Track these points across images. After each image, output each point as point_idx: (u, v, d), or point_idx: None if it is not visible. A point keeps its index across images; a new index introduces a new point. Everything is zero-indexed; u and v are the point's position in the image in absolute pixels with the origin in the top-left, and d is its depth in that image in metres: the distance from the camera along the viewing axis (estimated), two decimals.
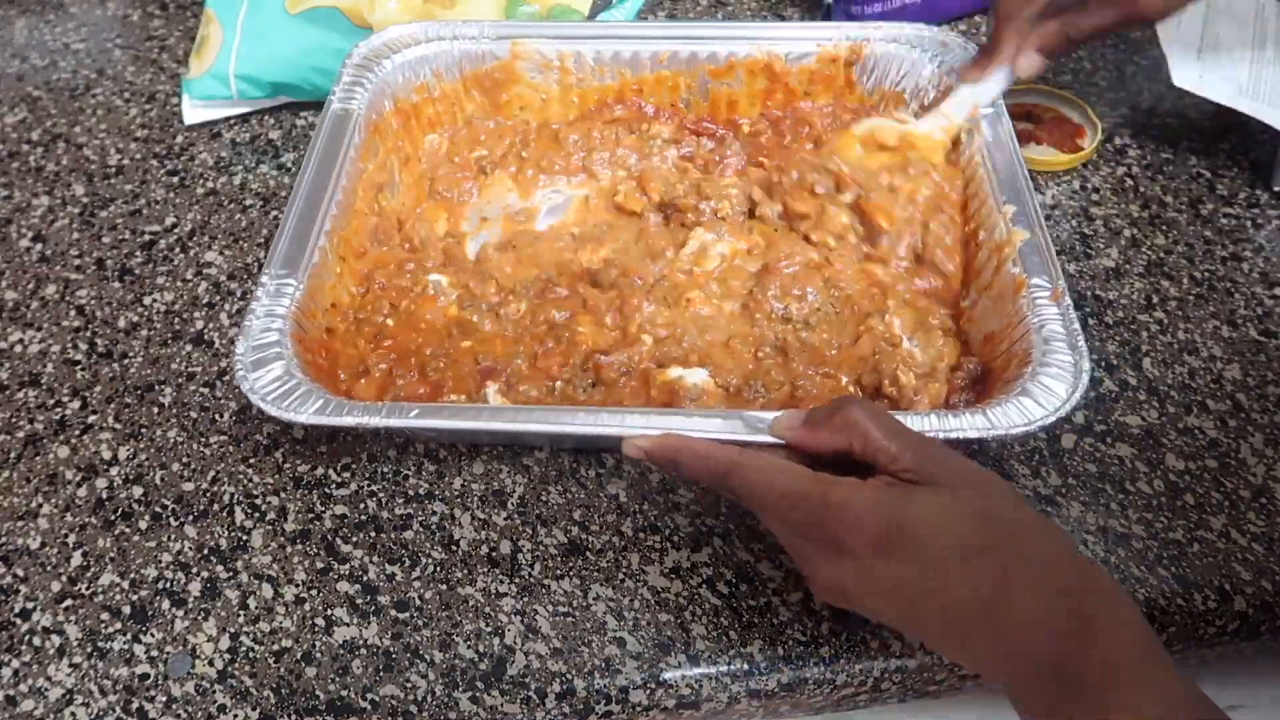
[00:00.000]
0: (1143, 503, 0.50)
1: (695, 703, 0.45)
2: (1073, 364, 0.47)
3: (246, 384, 0.47)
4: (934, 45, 0.64)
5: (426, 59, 0.66)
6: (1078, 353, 0.47)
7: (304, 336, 0.51)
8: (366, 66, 0.64)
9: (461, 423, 0.47)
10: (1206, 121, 0.70)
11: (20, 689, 0.46)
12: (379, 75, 0.64)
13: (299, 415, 0.46)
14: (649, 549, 0.49)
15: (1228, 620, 0.47)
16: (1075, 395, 0.45)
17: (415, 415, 0.47)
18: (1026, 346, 0.49)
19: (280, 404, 0.47)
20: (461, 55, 0.67)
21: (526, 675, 0.45)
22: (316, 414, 0.46)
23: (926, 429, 0.44)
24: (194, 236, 0.66)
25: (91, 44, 0.82)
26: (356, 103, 0.62)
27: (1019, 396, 0.46)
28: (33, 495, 0.53)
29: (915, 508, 0.38)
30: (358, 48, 0.65)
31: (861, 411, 0.41)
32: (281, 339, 0.50)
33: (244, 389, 0.47)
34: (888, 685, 0.47)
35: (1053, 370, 0.47)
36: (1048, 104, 0.71)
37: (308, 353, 0.51)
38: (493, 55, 0.67)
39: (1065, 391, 0.46)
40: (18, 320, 0.61)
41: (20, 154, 0.73)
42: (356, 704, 0.45)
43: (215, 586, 0.49)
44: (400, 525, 0.51)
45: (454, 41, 0.66)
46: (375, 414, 0.47)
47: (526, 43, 0.66)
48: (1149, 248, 0.63)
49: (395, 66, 0.65)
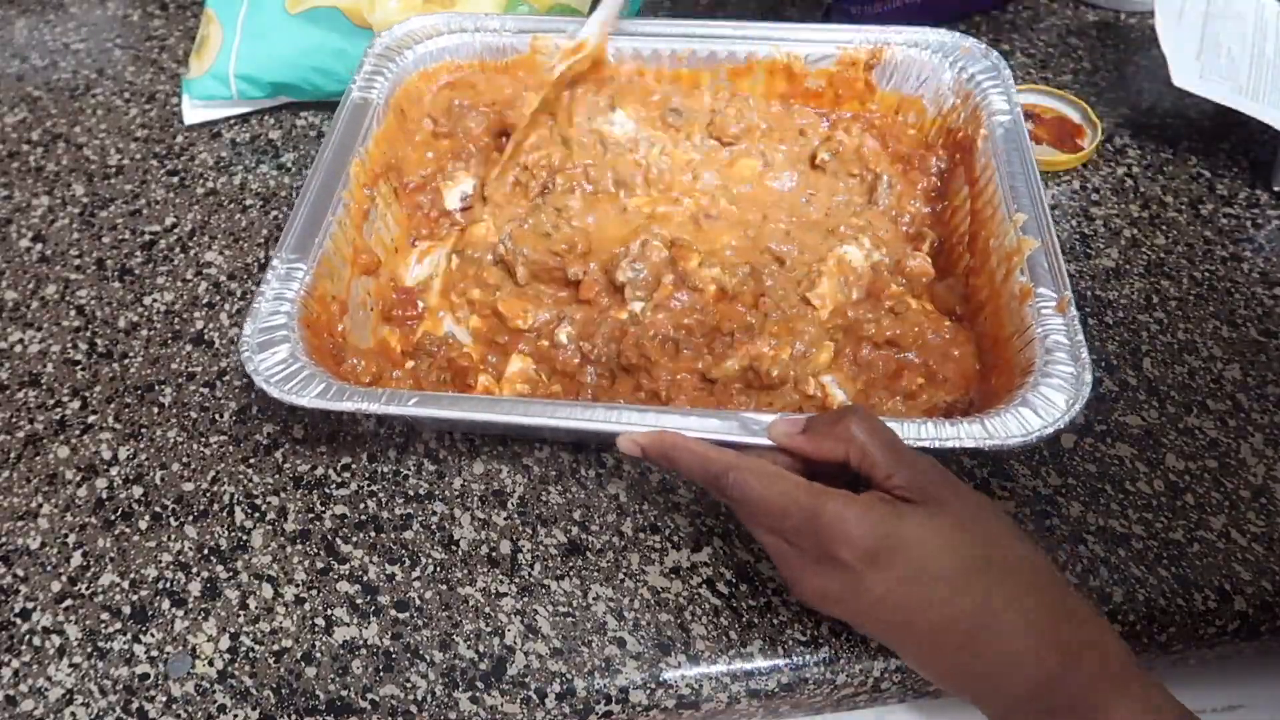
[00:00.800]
0: (1143, 503, 0.50)
1: (695, 703, 0.45)
2: (1074, 375, 0.47)
3: (251, 365, 0.48)
4: (955, 50, 0.64)
5: (447, 50, 0.66)
6: (1080, 365, 0.47)
7: (313, 320, 0.51)
8: (388, 56, 0.65)
9: (460, 413, 0.47)
10: (1206, 121, 0.70)
11: (20, 689, 0.46)
12: (400, 65, 0.65)
13: (300, 399, 0.47)
14: (649, 549, 0.49)
15: (1228, 620, 0.47)
16: (1075, 407, 0.45)
17: (414, 404, 0.47)
18: (1030, 356, 0.49)
19: (283, 386, 0.47)
20: (483, 47, 0.67)
21: (526, 675, 0.45)
22: (318, 398, 0.47)
23: (924, 436, 0.44)
24: (194, 236, 0.66)
25: (91, 44, 0.82)
26: (376, 92, 0.62)
27: (1018, 407, 0.46)
28: (33, 495, 0.53)
29: (907, 527, 0.38)
30: (380, 37, 0.66)
31: (861, 424, 0.41)
32: (289, 322, 0.50)
33: (248, 369, 0.47)
34: (888, 685, 0.47)
35: (1054, 381, 0.46)
36: (1048, 104, 0.71)
37: (315, 337, 0.51)
38: (513, 49, 0.67)
39: (1065, 403, 0.46)
40: (18, 320, 0.61)
41: (20, 154, 0.73)
42: (356, 704, 0.45)
43: (215, 586, 0.49)
44: (400, 525, 0.51)
45: (475, 34, 0.67)
46: (375, 400, 0.47)
47: (547, 38, 0.66)
48: (1149, 248, 0.63)
49: (416, 57, 0.65)
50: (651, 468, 0.52)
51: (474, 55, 0.67)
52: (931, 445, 0.44)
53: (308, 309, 0.51)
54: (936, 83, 0.64)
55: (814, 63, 0.66)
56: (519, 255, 0.58)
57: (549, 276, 0.58)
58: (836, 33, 0.66)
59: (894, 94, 0.66)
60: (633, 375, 0.53)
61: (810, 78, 0.66)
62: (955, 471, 0.51)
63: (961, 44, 0.64)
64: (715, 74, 0.67)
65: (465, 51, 0.67)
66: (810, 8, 0.83)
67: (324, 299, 0.53)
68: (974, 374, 0.53)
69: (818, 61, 0.66)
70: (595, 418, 0.46)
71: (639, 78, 0.67)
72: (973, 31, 0.79)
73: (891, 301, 0.56)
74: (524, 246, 0.58)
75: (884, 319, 0.55)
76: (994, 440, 0.44)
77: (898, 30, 0.65)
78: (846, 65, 0.66)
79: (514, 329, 0.56)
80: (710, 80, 0.67)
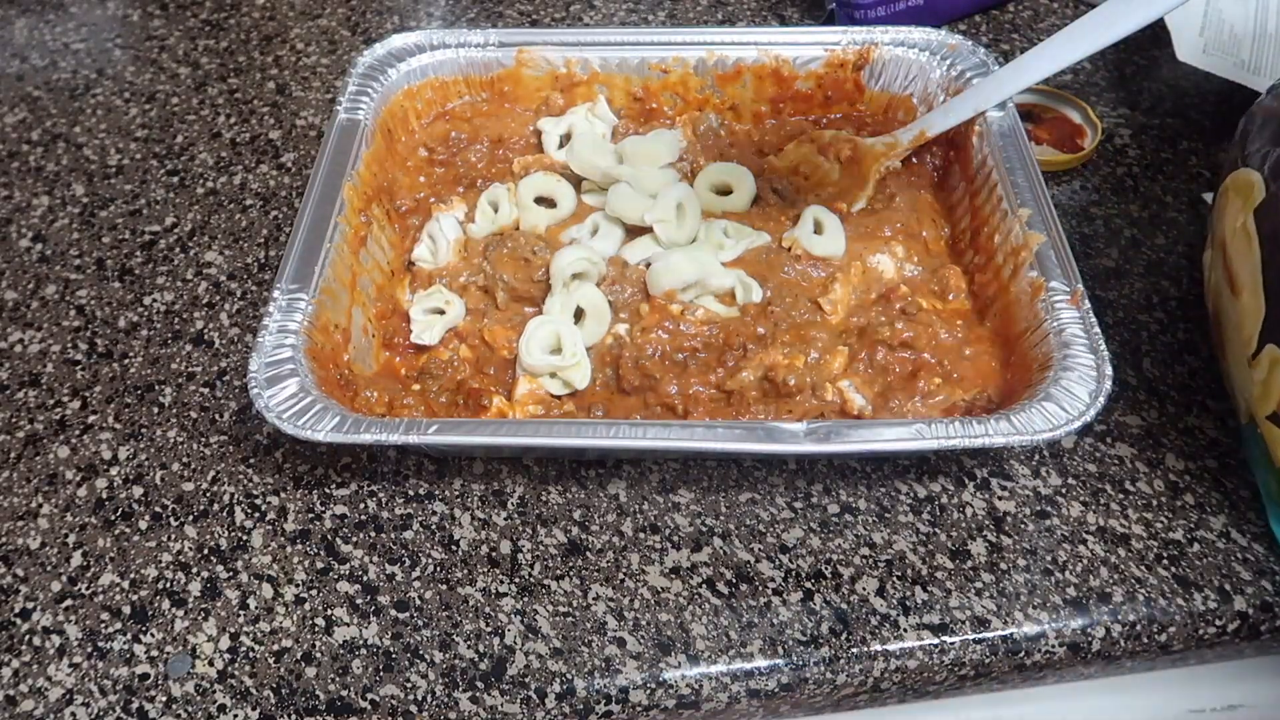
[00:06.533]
0: (1143, 503, 0.50)
1: (695, 703, 0.45)
2: (1094, 367, 0.47)
3: (261, 402, 0.47)
4: (942, 49, 0.64)
5: (431, 67, 0.66)
6: (1099, 356, 0.47)
7: (318, 351, 0.51)
8: (371, 75, 0.64)
9: (480, 438, 0.47)
10: (1207, 122, 0.70)
11: (20, 689, 0.46)
12: (384, 84, 0.64)
13: (316, 433, 0.46)
14: (649, 549, 0.49)
15: (1228, 620, 0.47)
16: (1100, 399, 0.46)
17: (434, 431, 0.46)
18: (1046, 350, 0.49)
19: (296, 422, 0.47)
20: (467, 63, 0.67)
21: (526, 675, 0.45)
22: (334, 431, 0.46)
23: (953, 435, 0.45)
24: (194, 236, 0.66)
25: (91, 44, 0.82)
26: (363, 112, 0.62)
27: (1041, 401, 0.46)
28: (33, 495, 0.53)
29: None
30: (362, 56, 0.65)
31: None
32: (295, 355, 0.50)
33: (258, 406, 0.47)
34: (888, 685, 0.47)
35: (1074, 374, 0.47)
36: (1048, 104, 0.71)
37: (322, 369, 0.51)
38: (499, 63, 0.67)
39: (1088, 395, 0.46)
40: (18, 320, 0.61)
41: (20, 154, 0.73)
42: (356, 704, 0.45)
43: (215, 586, 0.49)
44: (400, 525, 0.51)
45: (459, 50, 0.66)
46: (393, 431, 0.46)
47: (532, 50, 0.66)
48: (1149, 248, 0.63)
49: (400, 75, 0.65)
50: (652, 467, 0.52)
51: (458, 71, 0.67)
52: (961, 444, 0.45)
53: (313, 340, 0.51)
54: (925, 81, 0.64)
55: (802, 65, 0.66)
56: (499, 280, 0.57)
57: (529, 299, 0.57)
58: (823, 35, 0.66)
59: (883, 94, 0.66)
60: (639, 395, 0.53)
61: (799, 80, 0.66)
62: (956, 471, 0.51)
63: (949, 42, 0.64)
64: (704, 81, 0.66)
65: (449, 68, 0.66)
66: (811, 8, 0.83)
67: (327, 328, 0.52)
68: (991, 371, 0.53)
69: (806, 64, 0.66)
70: (620, 435, 0.46)
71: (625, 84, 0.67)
72: (973, 31, 0.79)
73: (903, 303, 0.55)
74: (503, 272, 0.57)
75: (896, 321, 0.54)
76: (1023, 436, 0.45)
77: (884, 30, 0.65)
78: (835, 67, 0.66)
79: (502, 358, 0.55)
80: (699, 88, 0.67)
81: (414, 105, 0.66)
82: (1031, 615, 0.46)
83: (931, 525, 0.50)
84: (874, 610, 0.47)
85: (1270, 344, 0.45)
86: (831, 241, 0.57)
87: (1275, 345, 0.45)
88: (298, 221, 0.55)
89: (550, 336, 0.53)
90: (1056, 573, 0.48)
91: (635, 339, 0.54)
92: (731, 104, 0.67)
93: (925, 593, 0.47)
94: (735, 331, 0.54)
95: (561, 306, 0.55)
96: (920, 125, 0.62)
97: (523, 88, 0.68)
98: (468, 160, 0.65)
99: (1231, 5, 0.68)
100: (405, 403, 0.53)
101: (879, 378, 0.53)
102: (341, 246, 0.55)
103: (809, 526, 0.50)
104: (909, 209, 0.60)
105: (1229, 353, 0.50)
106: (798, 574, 0.48)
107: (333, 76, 0.78)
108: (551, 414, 0.52)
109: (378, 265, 0.59)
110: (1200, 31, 0.66)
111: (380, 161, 0.62)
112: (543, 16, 0.83)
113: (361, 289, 0.56)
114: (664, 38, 0.67)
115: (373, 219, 0.59)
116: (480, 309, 0.57)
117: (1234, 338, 0.48)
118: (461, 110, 0.68)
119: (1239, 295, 0.47)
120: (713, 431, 0.46)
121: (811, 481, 0.52)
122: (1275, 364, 0.45)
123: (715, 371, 0.53)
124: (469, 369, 0.55)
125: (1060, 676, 0.48)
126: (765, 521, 0.50)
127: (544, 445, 0.47)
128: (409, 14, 0.84)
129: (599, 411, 0.52)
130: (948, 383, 0.52)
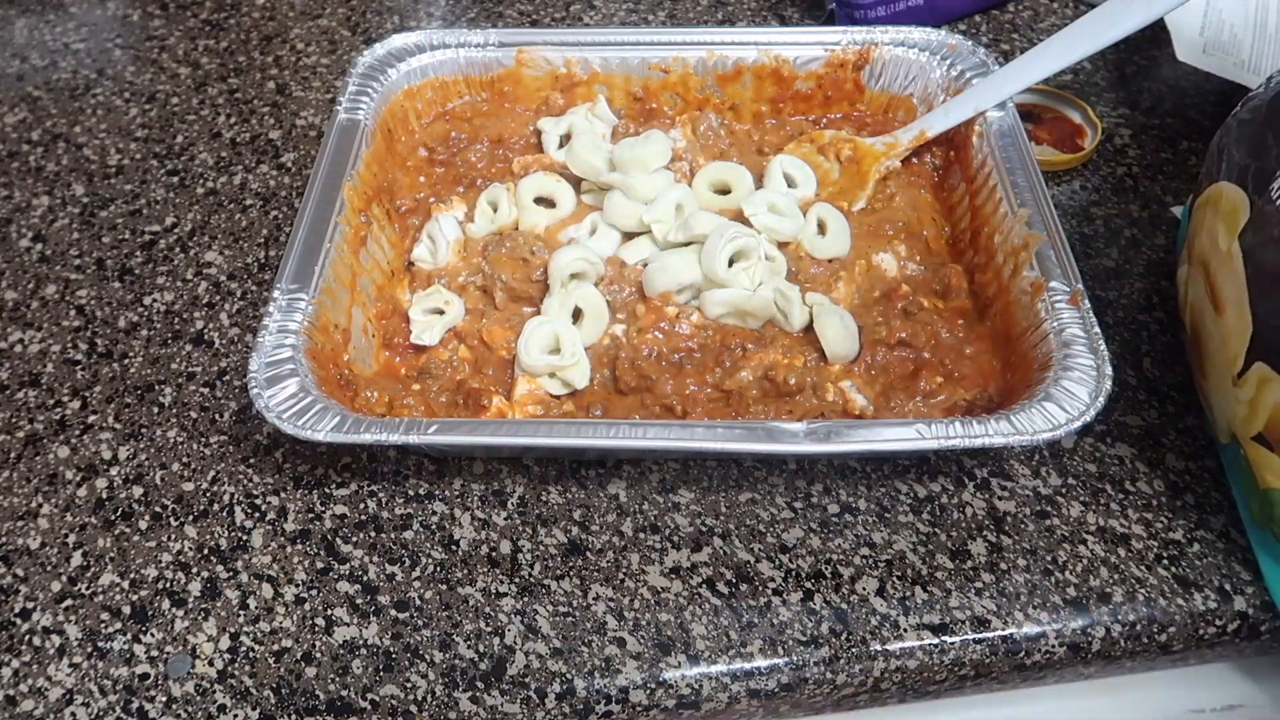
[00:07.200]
0: (1143, 503, 0.50)
1: (695, 703, 0.45)
2: (1094, 368, 0.47)
3: (261, 402, 0.47)
4: (942, 48, 0.64)
5: (431, 67, 0.66)
6: (1099, 357, 0.47)
7: (318, 351, 0.51)
8: (371, 75, 0.64)
9: (480, 439, 0.47)
10: (1207, 122, 0.70)
11: (20, 689, 0.46)
12: (384, 84, 0.64)
13: (316, 433, 0.46)
14: (649, 549, 0.49)
15: (1228, 620, 0.47)
16: (1100, 399, 0.46)
17: (434, 431, 0.46)
18: (1046, 350, 0.49)
19: (296, 422, 0.47)
20: (467, 63, 0.67)
21: (526, 675, 0.45)
22: (334, 431, 0.46)
23: (953, 435, 0.45)
24: (194, 236, 0.66)
25: (91, 44, 0.82)
26: (363, 112, 0.62)
27: (1042, 401, 0.46)
28: (33, 495, 0.53)
29: None
30: (362, 56, 0.65)
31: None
32: (295, 355, 0.50)
33: (258, 406, 0.47)
34: (888, 685, 0.47)
35: (1075, 375, 0.47)
36: (1048, 104, 0.71)
37: (322, 369, 0.51)
38: (499, 63, 0.67)
39: (1088, 396, 0.46)
40: (18, 320, 0.61)
41: (20, 154, 0.73)
42: (356, 704, 0.45)
43: (215, 586, 0.49)
44: (400, 525, 0.51)
45: (459, 50, 0.66)
46: (393, 431, 0.46)
47: (532, 50, 0.66)
48: (1149, 248, 0.63)
49: (400, 75, 0.65)
50: (652, 467, 0.52)
51: (458, 71, 0.67)
52: (961, 444, 0.45)
53: (313, 340, 0.51)
54: (925, 81, 0.64)
55: (802, 65, 0.66)
56: (497, 280, 0.57)
57: (528, 299, 0.57)
58: (823, 35, 0.66)
59: (883, 94, 0.66)
60: (636, 395, 0.53)
61: (799, 80, 0.66)
62: (956, 471, 0.51)
63: (949, 42, 0.64)
64: (704, 80, 0.66)
65: (449, 68, 0.67)
66: (811, 8, 0.83)
67: (327, 328, 0.52)
68: (991, 370, 0.53)
69: (806, 64, 0.66)
70: (620, 435, 0.46)
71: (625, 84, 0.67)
72: (973, 31, 0.79)
73: (903, 302, 0.55)
74: (501, 272, 0.57)
75: (895, 320, 0.54)
76: (1023, 436, 0.45)
77: (884, 30, 0.65)
78: (835, 67, 0.66)
79: (501, 359, 0.55)
80: (699, 88, 0.67)
81: (414, 105, 0.66)
82: (1031, 615, 0.46)
83: (931, 525, 0.50)
84: (874, 610, 0.47)
85: (1259, 361, 0.43)
86: (836, 241, 0.57)
87: (1264, 363, 0.43)
88: (298, 221, 0.55)
89: (549, 336, 0.53)
90: (1056, 573, 0.48)
91: (631, 340, 0.54)
92: (731, 104, 0.68)
93: (925, 593, 0.47)
94: (732, 333, 0.54)
95: (560, 306, 0.55)
96: (920, 125, 0.62)
97: (523, 88, 0.68)
98: (467, 160, 0.65)
99: (1231, 5, 0.68)
100: (405, 403, 0.53)
101: (880, 377, 0.53)
102: (341, 246, 0.55)
103: (809, 526, 0.50)
104: (909, 208, 0.60)
105: (1209, 371, 0.49)
106: (798, 574, 0.48)
107: (333, 76, 0.78)
108: (551, 414, 0.52)
109: (378, 265, 0.59)
110: (1200, 31, 0.66)
111: (380, 161, 0.62)
112: (543, 16, 0.83)
113: (361, 289, 0.56)
114: (664, 38, 0.67)
115: (373, 219, 0.59)
116: (479, 309, 0.57)
117: (1216, 356, 0.47)
118: (461, 110, 0.68)
119: (1222, 312, 0.46)
120: (713, 431, 0.46)
121: (811, 481, 0.52)
122: (1264, 383, 0.43)
123: (712, 372, 0.53)
124: (468, 369, 0.55)
125: (1060, 676, 0.48)
126: (765, 521, 0.50)
127: (544, 445, 0.47)
128: (409, 14, 0.84)
129: (598, 411, 0.52)
130: (949, 382, 0.52)
